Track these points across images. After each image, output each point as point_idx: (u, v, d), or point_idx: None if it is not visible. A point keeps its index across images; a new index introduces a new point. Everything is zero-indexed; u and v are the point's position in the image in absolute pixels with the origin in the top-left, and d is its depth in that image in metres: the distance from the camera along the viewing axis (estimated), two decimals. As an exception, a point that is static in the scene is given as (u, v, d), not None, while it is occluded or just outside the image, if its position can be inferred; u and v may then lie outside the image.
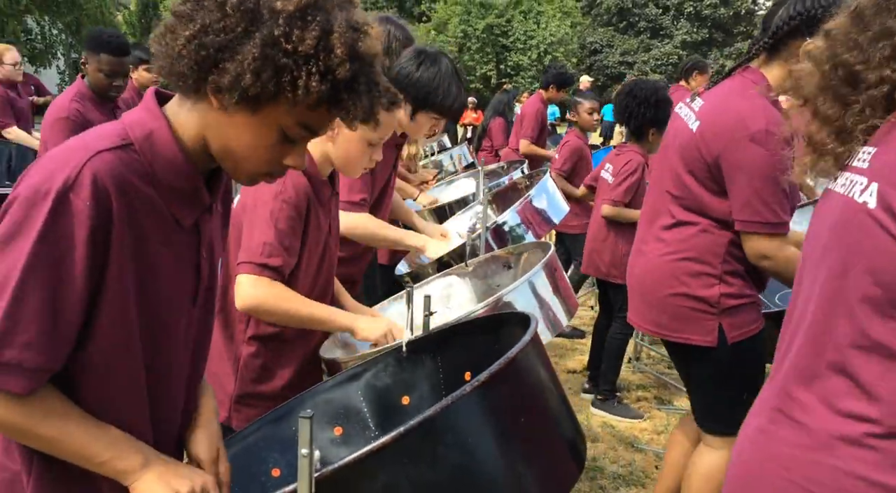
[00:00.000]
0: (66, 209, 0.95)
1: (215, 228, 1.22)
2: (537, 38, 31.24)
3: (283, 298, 1.72)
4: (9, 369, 0.95)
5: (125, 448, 1.07)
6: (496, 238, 2.64)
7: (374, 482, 1.01)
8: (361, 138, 1.84)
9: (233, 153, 1.07)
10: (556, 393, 1.25)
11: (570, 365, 4.60)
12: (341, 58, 0.98)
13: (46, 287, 0.95)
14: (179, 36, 0.98)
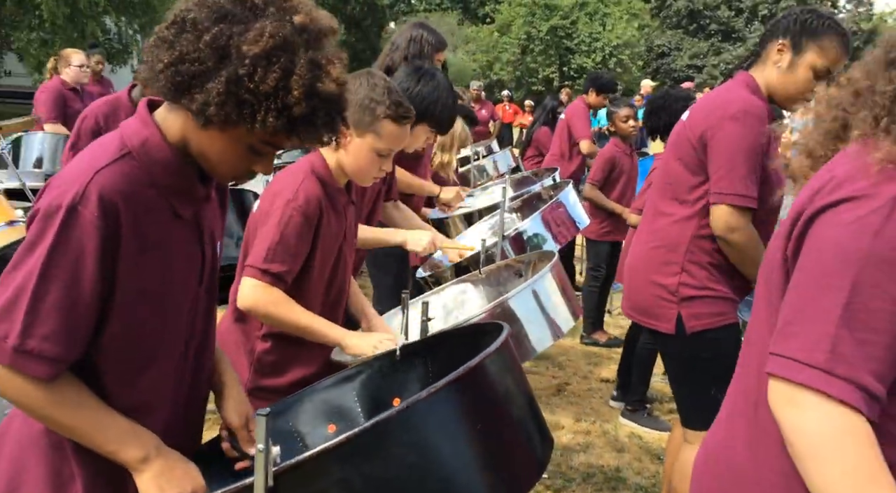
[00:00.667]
0: (75, 221, 1.09)
1: (213, 215, 1.35)
2: (602, 40, 30.85)
3: (277, 304, 1.80)
4: (31, 357, 1.09)
5: (128, 441, 1.18)
6: (516, 246, 2.68)
7: (329, 477, 1.08)
8: (371, 149, 1.91)
9: (207, 158, 1.20)
10: (521, 401, 1.29)
11: (604, 374, 4.58)
12: (297, 98, 1.09)
13: (61, 288, 1.09)
14: (160, 59, 1.10)
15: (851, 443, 0.94)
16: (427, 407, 1.13)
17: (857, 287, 0.96)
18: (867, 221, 0.97)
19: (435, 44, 3.15)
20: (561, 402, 4.12)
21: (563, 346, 5.07)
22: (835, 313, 0.96)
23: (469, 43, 32.74)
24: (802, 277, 1.03)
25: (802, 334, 0.99)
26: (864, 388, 0.94)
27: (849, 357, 0.95)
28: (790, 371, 0.98)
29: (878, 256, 0.95)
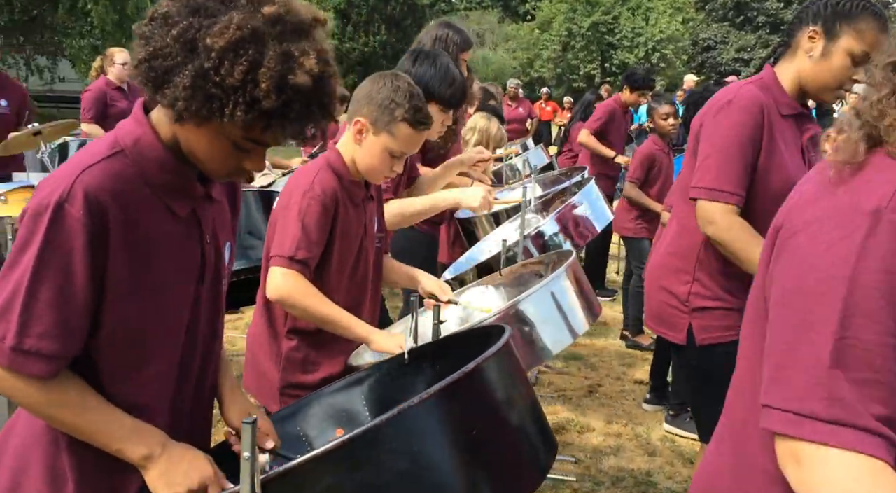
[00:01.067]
0: (62, 219, 1.09)
1: (218, 215, 1.34)
2: (645, 35, 30.40)
3: (307, 294, 1.82)
4: (29, 356, 1.10)
5: (133, 439, 1.19)
6: (539, 246, 2.64)
7: (319, 485, 1.06)
8: (385, 149, 1.92)
9: (195, 156, 1.19)
10: (521, 406, 1.26)
11: (638, 375, 4.49)
12: (266, 91, 1.06)
13: (54, 286, 1.09)
14: (137, 56, 1.11)
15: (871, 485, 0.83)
16: (419, 414, 1.10)
17: (845, 320, 0.85)
18: (847, 244, 0.88)
19: (460, 43, 3.12)
20: (592, 403, 4.06)
21: (596, 346, 5.00)
22: (825, 352, 0.86)
23: (509, 41, 32.59)
24: (785, 311, 0.93)
25: (794, 381, 0.88)
26: (870, 430, 0.84)
27: (849, 401, 0.84)
28: (791, 426, 0.88)
29: (864, 282, 0.85)
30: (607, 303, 5.94)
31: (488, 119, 3.95)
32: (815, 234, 0.92)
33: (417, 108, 1.91)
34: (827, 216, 0.92)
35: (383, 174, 1.97)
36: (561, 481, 3.21)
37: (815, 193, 0.97)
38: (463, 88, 2.56)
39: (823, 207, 0.94)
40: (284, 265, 1.82)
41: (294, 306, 1.86)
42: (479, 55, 30.01)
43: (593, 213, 2.73)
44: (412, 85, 1.96)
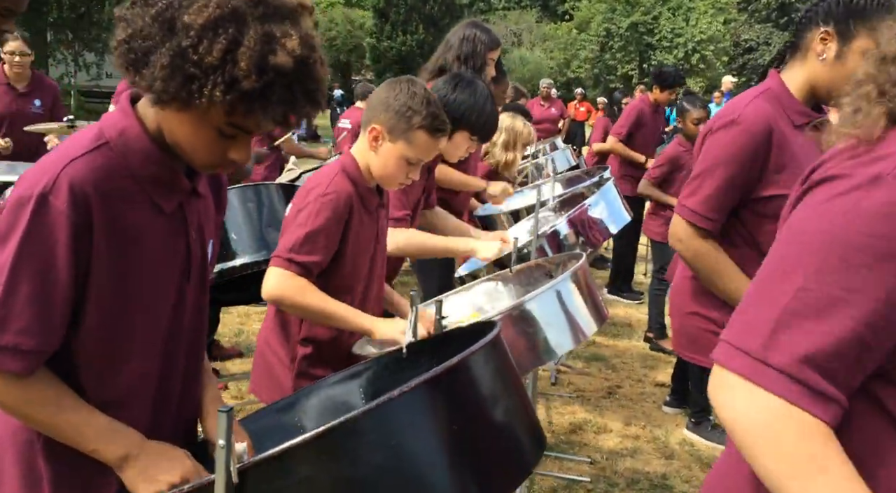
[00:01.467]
0: (46, 211, 1.07)
1: (203, 211, 1.31)
2: (685, 35, 30.02)
3: (303, 292, 1.80)
4: (7, 352, 1.07)
5: (109, 440, 1.16)
6: (553, 245, 2.63)
7: (294, 475, 1.06)
8: (401, 156, 1.89)
9: (179, 145, 1.16)
10: (507, 402, 1.25)
11: (660, 378, 4.43)
12: (245, 71, 1.03)
13: (34, 279, 1.07)
14: (116, 38, 1.09)
15: (787, 434, 0.83)
16: (398, 407, 1.10)
17: (814, 272, 0.85)
18: (837, 202, 0.87)
19: (488, 43, 3.12)
20: (611, 405, 4.02)
21: (618, 348, 4.95)
22: (784, 298, 0.86)
23: (547, 41, 32.42)
24: (766, 261, 0.94)
25: (746, 319, 0.90)
26: (803, 381, 0.83)
27: (788, 346, 0.84)
28: (725, 356, 0.90)
29: (843, 239, 0.84)
30: (633, 305, 5.88)
31: (513, 117, 3.93)
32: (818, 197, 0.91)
33: (434, 115, 1.89)
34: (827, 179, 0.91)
35: (398, 181, 1.95)
36: (575, 481, 3.18)
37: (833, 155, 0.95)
38: (496, 121, 2.60)
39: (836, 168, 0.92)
40: (281, 265, 1.80)
41: (291, 306, 1.85)
42: (516, 55, 29.93)
43: (610, 214, 2.70)
44: (427, 90, 1.94)
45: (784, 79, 1.96)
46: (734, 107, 1.97)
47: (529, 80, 23.65)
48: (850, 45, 1.82)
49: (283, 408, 1.69)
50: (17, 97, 4.78)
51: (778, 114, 1.90)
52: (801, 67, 1.93)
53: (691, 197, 2.00)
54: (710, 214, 1.95)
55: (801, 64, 1.92)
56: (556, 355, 1.90)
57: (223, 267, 2.88)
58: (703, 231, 1.97)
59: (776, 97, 1.93)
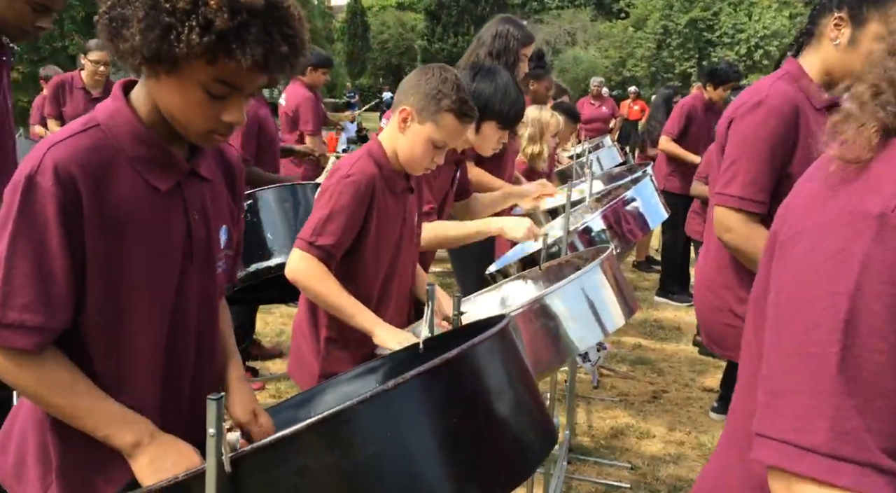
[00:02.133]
0: (34, 191, 1.10)
1: (212, 196, 1.32)
2: (748, 31, 29.24)
3: (318, 279, 1.85)
4: (13, 329, 1.10)
5: (120, 426, 1.18)
6: (585, 242, 2.56)
7: (288, 465, 1.05)
8: (428, 138, 1.91)
9: (173, 115, 1.18)
10: (511, 396, 1.21)
11: (708, 383, 4.29)
12: (216, 9, 1.05)
13: (30, 257, 1.10)
14: (100, 13, 1.12)
15: None
16: (393, 398, 1.07)
17: (848, 339, 0.74)
18: (849, 254, 0.76)
19: (521, 38, 3.08)
20: (655, 409, 3.90)
21: (665, 351, 4.82)
22: (826, 376, 0.74)
23: (601, 39, 32.01)
24: (782, 331, 0.81)
25: (793, 408, 0.77)
26: (878, 467, 0.73)
27: (855, 432, 0.73)
28: (787, 459, 0.77)
29: (869, 295, 0.73)
30: (682, 308, 5.72)
31: (540, 109, 3.89)
32: (814, 242, 0.80)
33: (463, 99, 1.91)
34: (828, 222, 0.80)
35: (424, 165, 1.96)
36: (615, 487, 3.10)
37: (816, 193, 0.85)
38: (522, 106, 2.55)
39: (824, 210, 0.81)
40: (304, 249, 1.85)
41: (306, 289, 1.89)
42: (570, 54, 29.63)
43: (647, 210, 2.62)
44: (459, 78, 1.95)
45: (801, 64, 1.96)
46: (757, 90, 1.96)
47: (583, 79, 23.37)
48: (863, 30, 1.83)
49: (300, 403, 1.68)
50: (90, 102, 5.04)
51: (799, 96, 1.90)
52: (815, 53, 1.93)
53: (731, 184, 1.95)
54: (758, 197, 1.91)
55: (816, 49, 1.93)
56: (578, 350, 1.84)
57: (259, 267, 2.91)
58: (754, 216, 1.92)
59: (796, 80, 1.93)
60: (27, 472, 1.24)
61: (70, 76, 5.18)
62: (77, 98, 5.04)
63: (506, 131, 2.53)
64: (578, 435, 3.56)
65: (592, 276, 1.86)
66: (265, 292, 3.25)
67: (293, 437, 1.05)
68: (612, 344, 4.80)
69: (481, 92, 2.40)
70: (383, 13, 33.59)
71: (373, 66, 31.37)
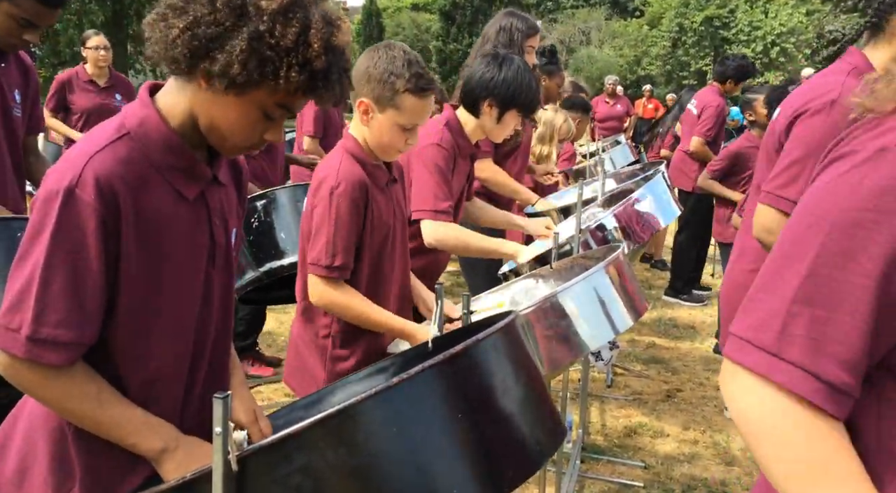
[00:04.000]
0: (74, 204, 1.08)
1: (226, 199, 1.34)
2: (764, 28, 28.96)
3: (348, 303, 1.86)
4: (46, 345, 1.09)
5: (147, 434, 1.19)
6: (598, 241, 2.55)
7: (293, 463, 1.06)
8: (394, 125, 1.86)
9: (218, 129, 1.19)
10: (517, 392, 1.20)
11: (723, 381, 4.25)
12: (318, 51, 1.10)
13: (68, 272, 1.09)
14: (174, 26, 1.10)
15: (798, 435, 0.77)
16: (397, 395, 1.07)
17: (821, 255, 0.78)
18: (843, 179, 0.80)
19: (525, 30, 3.06)
20: (669, 408, 3.88)
21: (680, 350, 4.79)
22: (792, 285, 0.79)
23: (616, 38, 31.85)
24: (777, 243, 0.87)
25: (757, 310, 0.83)
26: (819, 376, 0.77)
27: (803, 339, 0.78)
28: (738, 352, 0.83)
29: (850, 217, 0.77)
30: (697, 307, 5.68)
31: (554, 111, 3.87)
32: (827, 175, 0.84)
33: (418, 75, 1.83)
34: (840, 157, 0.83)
35: (398, 150, 1.91)
36: (628, 486, 3.08)
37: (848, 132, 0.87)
38: (539, 92, 2.55)
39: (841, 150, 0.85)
40: (323, 274, 1.82)
41: (339, 314, 1.89)
42: (584, 53, 29.52)
43: (659, 207, 2.61)
44: (408, 51, 1.88)
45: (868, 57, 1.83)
46: (827, 88, 1.84)
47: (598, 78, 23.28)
48: None
49: (310, 404, 1.69)
50: (99, 92, 5.04)
51: None
52: (886, 47, 1.80)
53: (789, 186, 1.83)
54: None
55: (886, 44, 1.80)
56: (588, 348, 1.84)
57: (272, 266, 2.92)
58: None
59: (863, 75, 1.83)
60: (33, 480, 1.23)
61: (74, 71, 5.15)
62: (87, 91, 5.02)
63: (521, 119, 2.51)
64: (592, 434, 3.54)
65: (603, 275, 1.86)
66: (278, 291, 3.27)
67: (299, 434, 1.05)
68: (626, 343, 4.78)
69: (509, 81, 2.37)
70: (398, 14, 33.64)
71: (388, 67, 31.33)
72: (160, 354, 1.24)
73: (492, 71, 2.40)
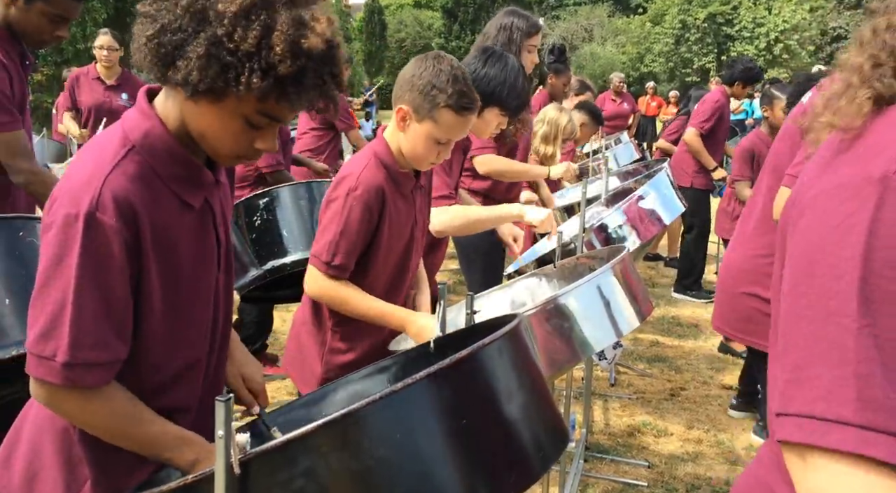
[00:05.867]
0: (97, 227, 1.08)
1: (224, 198, 1.33)
2: (767, 25, 28.89)
3: (342, 297, 1.87)
4: (84, 369, 1.09)
5: (181, 448, 1.20)
6: (602, 239, 2.54)
7: (296, 467, 1.05)
8: (429, 136, 1.86)
9: (206, 138, 1.16)
10: (522, 398, 1.20)
11: (727, 380, 4.24)
12: (282, 55, 1.04)
13: (98, 296, 1.09)
14: (143, 34, 1.09)
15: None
16: (402, 400, 1.06)
17: (865, 307, 0.70)
18: (856, 220, 0.74)
19: (526, 29, 3.04)
20: (673, 407, 3.87)
21: (683, 349, 4.77)
22: (848, 345, 0.70)
23: (619, 35, 31.79)
24: (798, 303, 0.78)
25: (815, 381, 0.72)
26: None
27: (884, 400, 0.68)
28: (810, 434, 0.71)
29: (881, 260, 0.71)
30: (701, 305, 5.67)
31: (559, 110, 3.85)
32: (821, 212, 0.79)
33: (461, 92, 1.83)
34: (832, 190, 0.79)
35: (429, 161, 1.92)
36: (632, 485, 3.07)
37: (817, 167, 0.85)
38: (527, 95, 2.53)
39: (827, 181, 0.80)
40: (322, 269, 1.84)
41: (331, 306, 1.91)
42: (587, 51, 29.46)
43: (663, 204, 2.59)
44: (455, 67, 1.87)
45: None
46: None
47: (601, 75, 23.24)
48: None
49: (311, 402, 1.68)
50: (105, 90, 5.04)
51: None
52: None
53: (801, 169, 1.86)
54: None
55: None
56: (594, 349, 1.83)
57: (275, 264, 2.92)
58: None
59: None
60: (43, 484, 1.22)
61: (86, 69, 5.19)
62: (94, 88, 5.04)
63: (505, 119, 2.48)
64: (595, 433, 3.53)
65: (607, 276, 1.85)
66: (282, 290, 3.26)
67: (302, 438, 1.05)
68: (629, 341, 4.77)
69: (490, 78, 2.36)
70: (401, 12, 33.57)
71: (390, 65, 31.39)
72: (178, 359, 1.24)
73: (475, 65, 2.40)
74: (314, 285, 1.88)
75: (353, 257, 1.85)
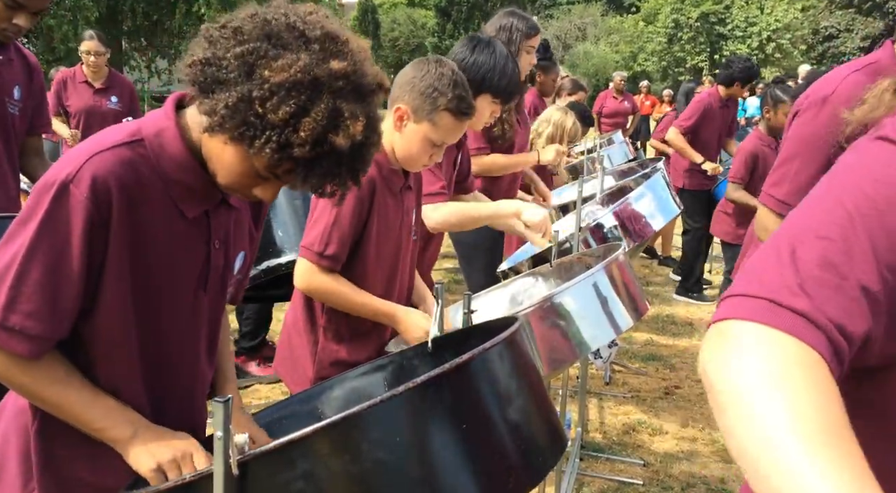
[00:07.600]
0: (65, 198, 1.07)
1: (235, 223, 1.31)
2: (760, 24, 29.02)
3: (334, 289, 1.85)
4: (13, 334, 1.08)
5: (117, 418, 1.18)
6: (598, 239, 2.55)
7: (295, 470, 1.04)
8: (425, 138, 1.86)
9: (212, 164, 1.17)
10: (521, 401, 1.20)
11: (723, 379, 4.25)
12: (303, 140, 1.03)
13: (47, 265, 1.08)
14: (194, 53, 1.09)
15: (801, 372, 0.66)
16: (403, 404, 1.06)
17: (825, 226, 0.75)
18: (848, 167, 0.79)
19: (525, 30, 3.04)
20: (668, 406, 3.88)
21: (678, 348, 4.79)
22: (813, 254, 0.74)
23: (612, 34, 31.85)
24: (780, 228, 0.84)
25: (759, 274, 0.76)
26: (817, 324, 0.70)
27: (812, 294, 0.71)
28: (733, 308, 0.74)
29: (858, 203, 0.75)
30: (694, 304, 5.68)
31: (564, 112, 3.85)
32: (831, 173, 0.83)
33: (461, 97, 1.84)
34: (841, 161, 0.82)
35: (422, 163, 1.93)
36: (627, 484, 3.08)
37: None
38: (518, 81, 2.50)
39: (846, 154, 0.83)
40: (314, 260, 1.82)
41: (324, 301, 1.89)
42: (581, 49, 29.50)
43: (658, 205, 2.60)
44: (456, 72, 1.89)
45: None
46: (828, 82, 1.74)
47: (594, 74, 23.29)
48: None
49: (306, 399, 1.68)
50: (94, 93, 5.03)
51: None
52: None
53: (779, 186, 1.83)
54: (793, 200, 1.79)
55: None
56: (590, 348, 1.83)
57: (270, 264, 2.91)
58: None
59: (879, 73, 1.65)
60: (7, 478, 1.23)
61: (72, 71, 5.16)
62: (81, 91, 5.03)
63: (499, 106, 2.46)
64: (590, 432, 3.54)
65: (603, 275, 1.85)
66: (277, 289, 3.26)
67: (301, 441, 1.04)
68: (623, 340, 4.78)
69: (480, 64, 2.34)
70: (394, 10, 33.53)
71: (384, 64, 31.37)
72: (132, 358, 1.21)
73: (463, 53, 2.39)
74: (306, 279, 1.85)
75: (345, 248, 1.84)
